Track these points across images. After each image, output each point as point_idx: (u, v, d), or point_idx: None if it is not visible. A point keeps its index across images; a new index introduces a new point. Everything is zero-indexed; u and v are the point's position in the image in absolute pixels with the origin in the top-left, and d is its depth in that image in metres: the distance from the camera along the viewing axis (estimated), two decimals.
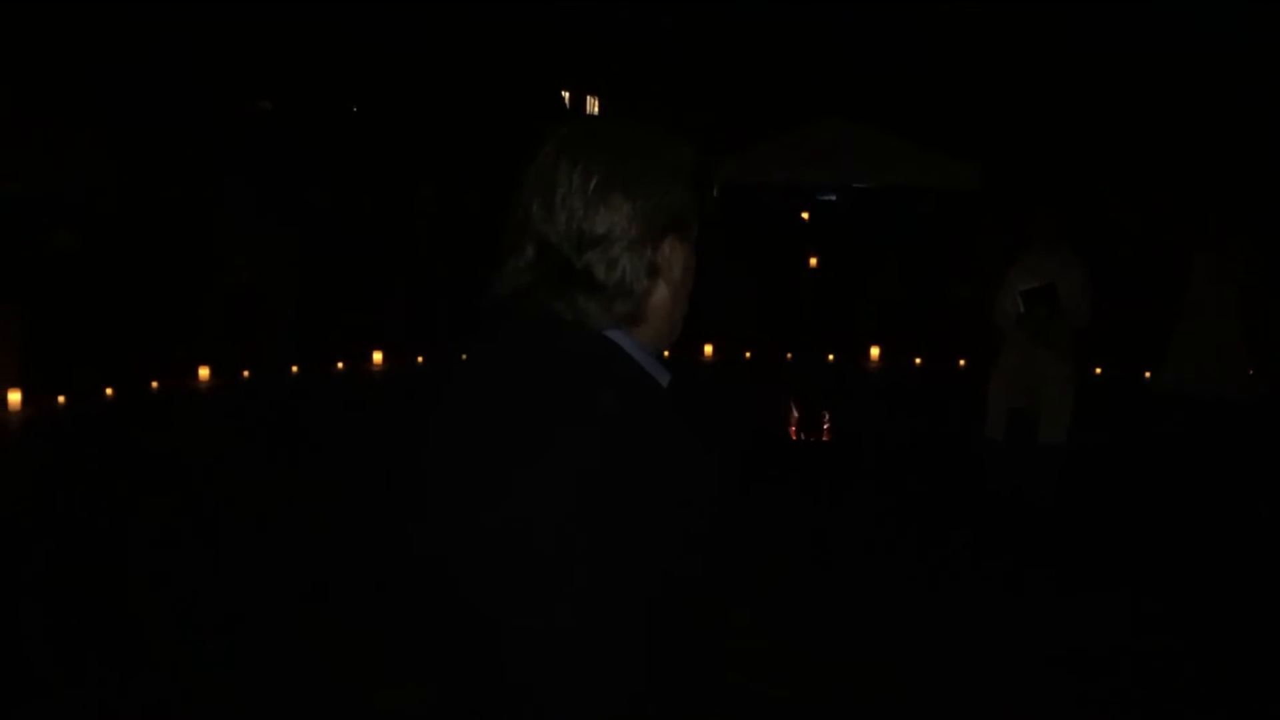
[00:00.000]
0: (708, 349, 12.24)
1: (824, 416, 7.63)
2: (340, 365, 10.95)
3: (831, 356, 12.10)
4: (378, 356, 11.27)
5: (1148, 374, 11.34)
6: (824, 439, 7.58)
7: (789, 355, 11.98)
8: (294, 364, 10.65)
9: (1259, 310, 7.91)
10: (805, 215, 16.39)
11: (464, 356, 1.61)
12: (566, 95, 26.89)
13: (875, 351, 12.34)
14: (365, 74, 20.98)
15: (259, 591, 5.19)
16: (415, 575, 1.53)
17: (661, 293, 1.60)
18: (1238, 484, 7.27)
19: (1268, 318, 7.98)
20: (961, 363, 11.25)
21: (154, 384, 9.71)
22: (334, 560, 5.61)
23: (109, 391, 9.30)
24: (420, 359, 11.38)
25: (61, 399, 8.99)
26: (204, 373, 10.11)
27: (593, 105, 28.22)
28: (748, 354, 12.16)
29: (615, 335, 1.55)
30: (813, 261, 13.91)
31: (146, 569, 5.46)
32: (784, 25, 23.04)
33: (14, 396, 8.74)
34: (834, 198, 17.65)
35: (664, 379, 1.62)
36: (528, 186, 1.57)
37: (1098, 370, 11.20)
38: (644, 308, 1.57)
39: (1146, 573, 5.73)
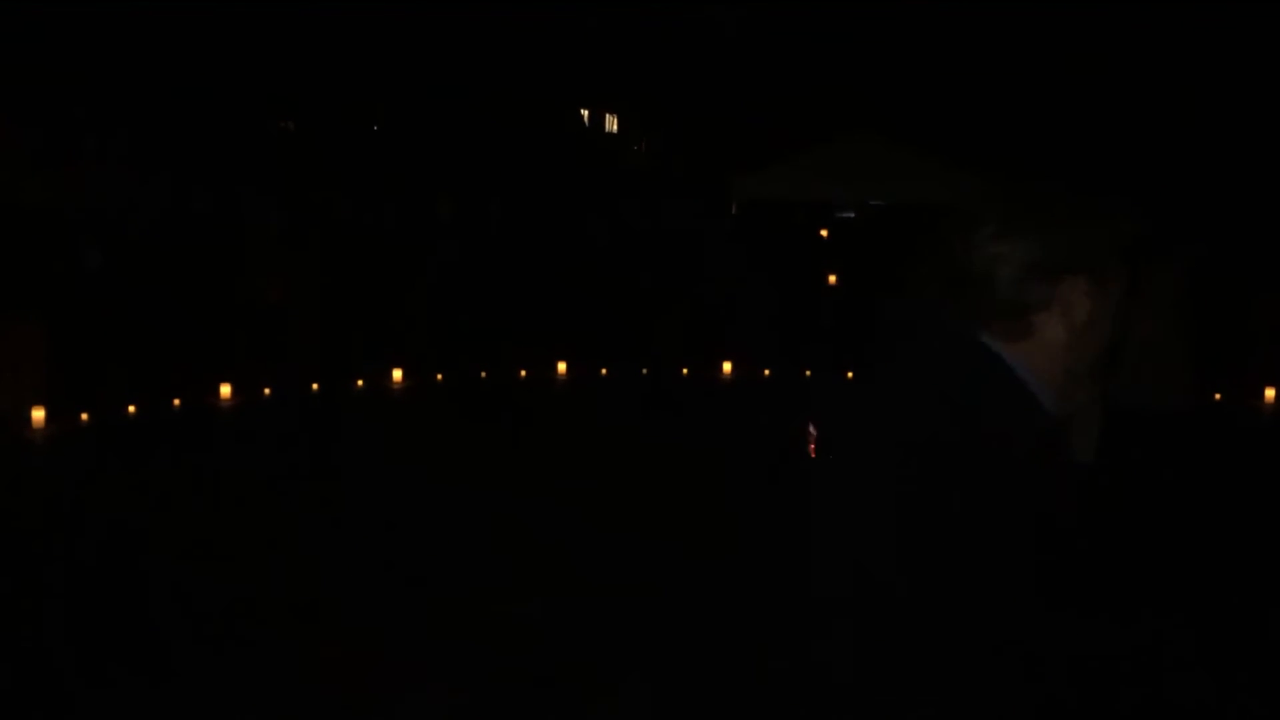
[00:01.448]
0: (726, 366, 12.24)
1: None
2: (360, 383, 10.99)
3: (851, 375, 12.05)
4: (398, 374, 11.31)
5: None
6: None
7: (808, 373, 11.95)
8: (315, 381, 10.70)
9: (1200, 320, 7.84)
10: (824, 232, 16.38)
11: None
12: (585, 113, 27.00)
13: None
14: (386, 92, 21.14)
15: (279, 604, 5.20)
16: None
17: (1056, 327, 1.67)
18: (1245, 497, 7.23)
19: (1208, 327, 7.93)
20: None
21: (176, 401, 9.77)
22: (352, 573, 5.63)
23: (131, 409, 9.36)
24: (440, 376, 11.41)
25: (84, 416, 9.06)
26: (225, 390, 10.16)
27: (611, 123, 28.32)
28: (766, 372, 12.14)
29: (997, 346, 1.67)
30: (832, 279, 13.91)
31: (168, 583, 5.48)
32: (803, 42, 23.09)
33: (37, 414, 8.80)
34: (853, 215, 17.64)
35: (1049, 401, 1.72)
36: None
37: None
38: (1026, 327, 1.66)
39: (1162, 589, 5.68)
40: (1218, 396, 11.09)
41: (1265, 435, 10.17)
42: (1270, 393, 11.19)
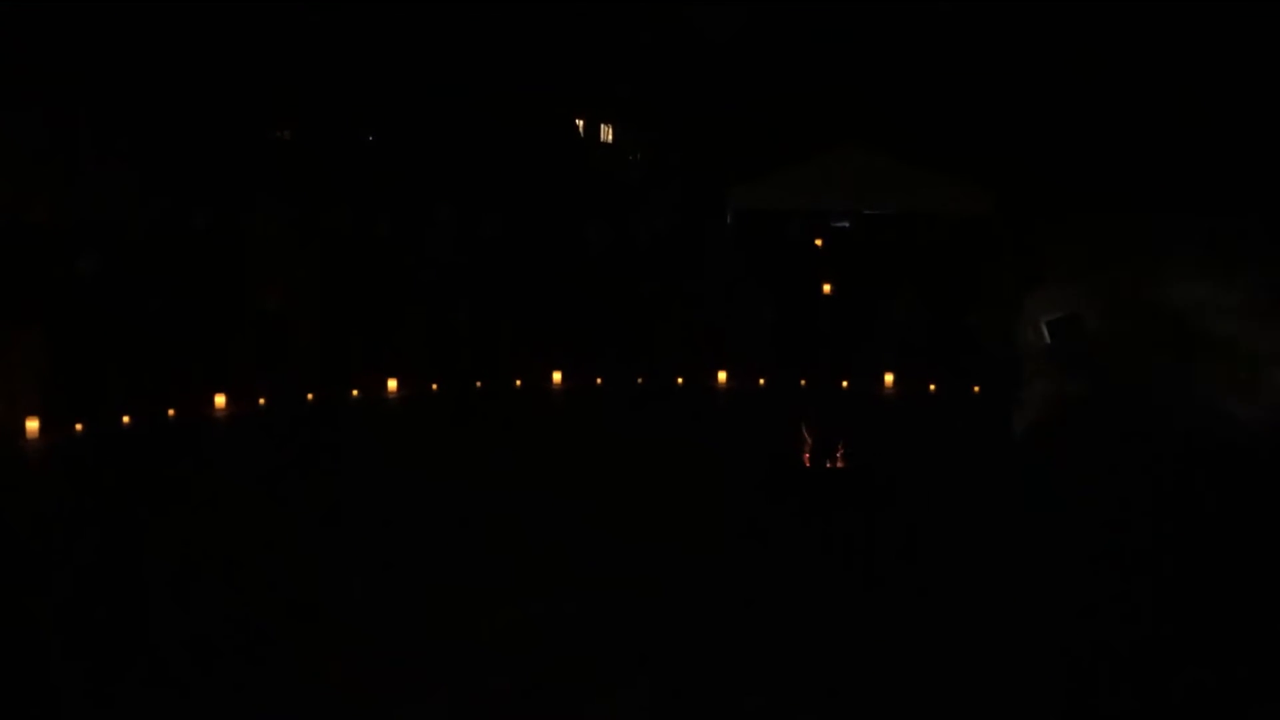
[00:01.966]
0: (722, 376, 12.25)
1: (838, 444, 7.61)
2: (356, 393, 10.98)
3: (846, 383, 12.09)
4: (392, 384, 11.31)
5: None
6: (838, 466, 7.56)
7: (803, 382, 11.97)
8: (310, 391, 10.70)
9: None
10: (819, 242, 16.43)
11: None
12: (580, 123, 27.03)
13: (889, 378, 12.32)
14: (383, 101, 21.16)
15: (275, 613, 5.20)
16: None
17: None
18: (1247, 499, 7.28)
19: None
20: (976, 389, 11.22)
21: (170, 411, 9.76)
22: (347, 582, 5.63)
23: (126, 419, 9.35)
24: (435, 386, 11.41)
25: (79, 426, 9.05)
26: (220, 400, 10.15)
27: (606, 134, 28.36)
28: (761, 381, 12.16)
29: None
30: (826, 288, 13.95)
31: (164, 593, 5.48)
32: (798, 52, 23.15)
33: (31, 424, 8.79)
34: (847, 224, 17.69)
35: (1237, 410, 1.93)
36: None
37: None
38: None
39: (1164, 598, 5.70)
40: None
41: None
42: None
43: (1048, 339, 6.28)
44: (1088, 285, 6.44)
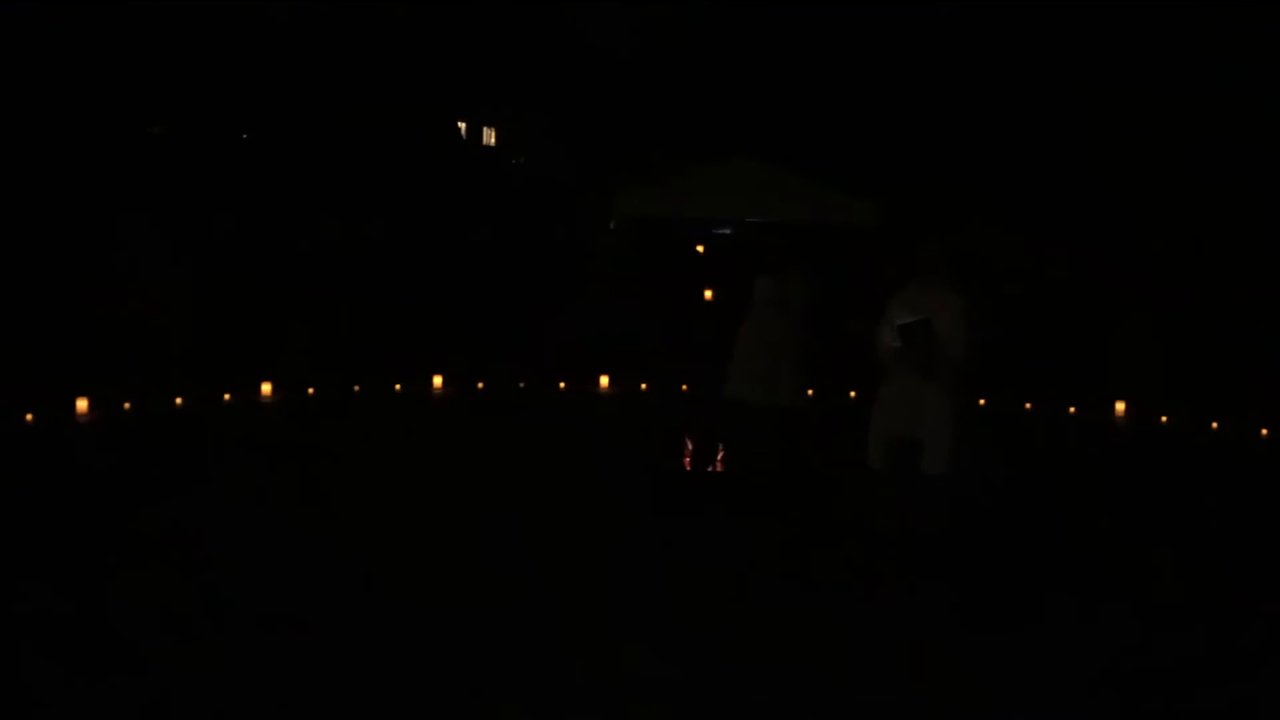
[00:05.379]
0: (604, 380, 12.27)
1: (718, 448, 7.69)
2: (227, 396, 10.68)
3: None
4: (266, 387, 11.03)
5: (1028, 405, 11.72)
6: (717, 470, 7.63)
7: (685, 387, 12.07)
8: (178, 395, 10.37)
9: (809, 328, 8.56)
10: (700, 248, 16.62)
11: None
12: (463, 126, 26.82)
13: None
14: (263, 101, 20.68)
15: (142, 625, 5.02)
16: None
17: None
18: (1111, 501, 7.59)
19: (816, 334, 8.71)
20: (853, 395, 11.46)
21: (29, 417, 9.35)
22: (210, 596, 5.47)
23: None
24: (311, 390, 11.17)
25: None
26: (81, 404, 9.76)
27: (489, 137, 28.22)
28: (644, 385, 12.21)
29: None
30: (708, 294, 14.10)
31: (18, 608, 5.24)
32: (687, 60, 23.40)
33: None
34: (729, 231, 17.93)
35: None
36: None
37: (981, 401, 11.51)
38: None
39: (1032, 597, 5.88)
40: (1072, 410, 11.60)
41: (1119, 447, 10.64)
42: (1120, 406, 11.72)
43: (899, 342, 6.50)
44: (945, 289, 6.67)
